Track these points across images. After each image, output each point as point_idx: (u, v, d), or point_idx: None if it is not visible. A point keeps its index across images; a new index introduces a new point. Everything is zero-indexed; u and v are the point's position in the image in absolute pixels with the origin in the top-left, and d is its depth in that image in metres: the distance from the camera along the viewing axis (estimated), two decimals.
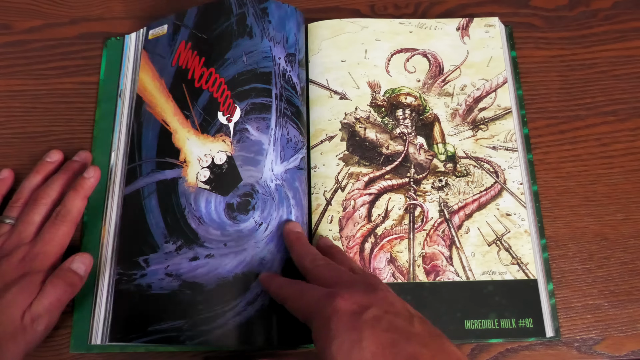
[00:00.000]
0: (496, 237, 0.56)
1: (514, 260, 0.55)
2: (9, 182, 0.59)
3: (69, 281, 0.51)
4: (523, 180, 0.58)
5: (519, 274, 0.54)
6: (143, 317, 0.52)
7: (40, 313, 0.49)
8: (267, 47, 0.59)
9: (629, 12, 0.68)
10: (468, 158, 0.59)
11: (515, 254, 0.55)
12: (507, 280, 0.54)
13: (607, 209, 0.60)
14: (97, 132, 0.61)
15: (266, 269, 0.51)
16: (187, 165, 0.56)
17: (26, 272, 0.50)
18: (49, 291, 0.49)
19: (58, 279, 0.50)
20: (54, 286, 0.50)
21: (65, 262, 0.52)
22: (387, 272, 0.55)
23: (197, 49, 0.60)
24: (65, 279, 0.50)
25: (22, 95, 0.64)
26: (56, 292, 0.50)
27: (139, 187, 0.57)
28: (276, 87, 0.57)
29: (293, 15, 0.61)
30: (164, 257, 0.53)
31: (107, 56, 0.65)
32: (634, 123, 0.63)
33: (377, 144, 0.60)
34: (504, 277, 0.54)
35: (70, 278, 0.51)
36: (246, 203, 0.53)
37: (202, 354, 0.54)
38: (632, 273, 0.57)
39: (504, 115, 0.61)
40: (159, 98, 0.60)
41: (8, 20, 0.67)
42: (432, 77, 0.63)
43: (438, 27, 0.65)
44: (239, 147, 0.55)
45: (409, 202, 0.57)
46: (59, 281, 0.50)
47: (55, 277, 0.50)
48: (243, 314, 0.50)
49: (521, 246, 0.56)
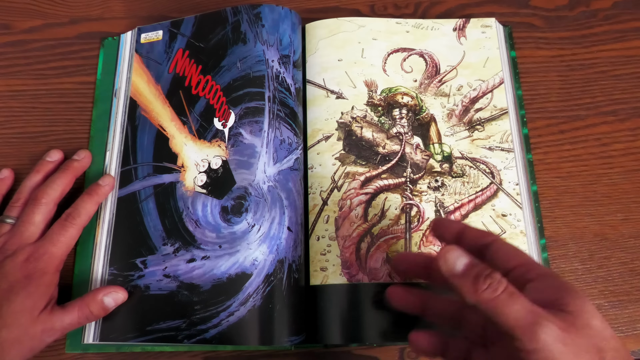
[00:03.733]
0: None
1: None
2: (9, 181, 0.59)
3: (96, 312, 0.51)
4: (521, 181, 0.58)
5: None
6: (141, 317, 0.53)
7: (56, 329, 0.49)
8: (260, 51, 0.59)
9: (629, 12, 0.67)
10: (464, 158, 0.59)
11: None
12: None
13: (607, 209, 0.59)
14: (94, 132, 0.62)
15: (258, 269, 0.52)
16: (185, 170, 0.57)
17: (30, 273, 0.50)
18: (74, 314, 0.50)
19: (86, 306, 0.51)
20: (80, 310, 0.50)
21: (99, 291, 0.52)
22: (383, 272, 0.54)
23: (195, 57, 0.61)
24: (93, 308, 0.51)
25: (22, 95, 0.64)
26: (80, 317, 0.50)
27: (134, 190, 0.57)
28: (269, 89, 0.58)
29: (287, 16, 0.61)
30: (162, 259, 0.54)
31: (104, 56, 0.65)
32: (634, 123, 0.62)
33: (374, 143, 0.59)
34: None
35: (98, 310, 0.51)
36: (239, 205, 0.54)
37: (201, 354, 0.55)
38: (632, 273, 0.57)
39: (500, 115, 0.61)
40: (156, 103, 0.61)
41: (8, 20, 0.67)
42: (429, 77, 0.62)
43: (435, 27, 0.64)
44: (233, 151, 0.56)
45: (405, 202, 0.57)
46: (86, 309, 0.51)
47: (85, 303, 0.51)
48: (236, 314, 0.50)
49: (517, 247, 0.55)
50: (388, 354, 0.55)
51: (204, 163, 0.57)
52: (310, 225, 0.56)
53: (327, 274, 0.54)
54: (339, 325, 0.53)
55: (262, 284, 0.51)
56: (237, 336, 0.50)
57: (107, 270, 0.55)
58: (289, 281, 0.52)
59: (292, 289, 0.52)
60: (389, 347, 0.55)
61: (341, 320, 0.53)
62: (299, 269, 0.54)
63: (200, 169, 0.57)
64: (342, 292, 0.54)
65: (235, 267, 0.52)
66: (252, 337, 0.50)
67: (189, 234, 0.54)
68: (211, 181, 0.56)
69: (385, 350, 0.55)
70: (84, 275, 0.55)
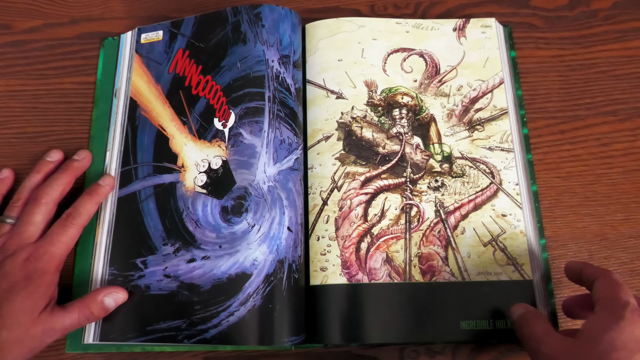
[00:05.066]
0: (492, 238, 0.56)
1: (510, 260, 0.55)
2: (9, 181, 0.59)
3: (96, 313, 0.51)
4: (521, 181, 0.58)
5: (515, 275, 0.54)
6: (141, 317, 0.53)
7: (57, 329, 0.49)
8: (260, 51, 0.59)
9: (629, 12, 0.67)
10: (464, 158, 0.59)
11: (510, 255, 0.55)
12: (503, 281, 0.54)
13: (607, 209, 0.60)
14: (94, 132, 0.62)
15: (258, 269, 0.52)
16: (185, 170, 0.57)
17: (30, 272, 0.50)
18: (75, 314, 0.50)
19: (87, 307, 0.51)
20: (80, 310, 0.50)
21: (99, 292, 0.52)
22: (383, 272, 0.54)
23: (195, 57, 0.61)
24: (93, 309, 0.51)
25: (22, 95, 0.64)
26: (80, 317, 0.50)
27: (134, 190, 0.57)
28: (269, 89, 0.58)
29: (287, 16, 0.61)
30: (162, 259, 0.54)
31: (104, 56, 0.65)
32: (634, 123, 0.62)
33: (374, 143, 0.59)
34: (499, 278, 0.54)
35: (98, 311, 0.51)
36: (239, 205, 0.54)
37: (202, 354, 0.55)
38: (632, 273, 0.57)
39: (500, 116, 0.61)
40: (156, 104, 0.61)
41: (8, 20, 0.67)
42: (429, 77, 0.62)
43: (435, 27, 0.64)
44: (233, 151, 0.56)
45: (405, 202, 0.57)
46: (86, 309, 0.51)
47: (85, 304, 0.51)
48: (236, 314, 0.50)
49: (517, 247, 0.55)
50: (388, 354, 0.55)
51: (204, 163, 0.57)
52: (310, 225, 0.56)
53: (327, 274, 0.54)
54: (338, 325, 0.53)
55: (262, 284, 0.51)
56: (237, 336, 0.50)
57: (107, 271, 0.55)
58: (289, 281, 0.52)
59: (292, 289, 0.52)
60: (389, 347, 0.55)
61: (341, 320, 0.53)
62: (299, 269, 0.54)
63: (201, 169, 0.57)
64: (342, 292, 0.54)
65: (236, 267, 0.52)
66: (252, 337, 0.50)
67: (189, 234, 0.54)
68: (211, 181, 0.56)
69: (385, 350, 0.55)
70: (84, 275, 0.56)
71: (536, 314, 0.49)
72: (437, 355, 0.55)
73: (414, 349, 0.55)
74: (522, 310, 0.49)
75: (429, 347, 0.55)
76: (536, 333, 0.46)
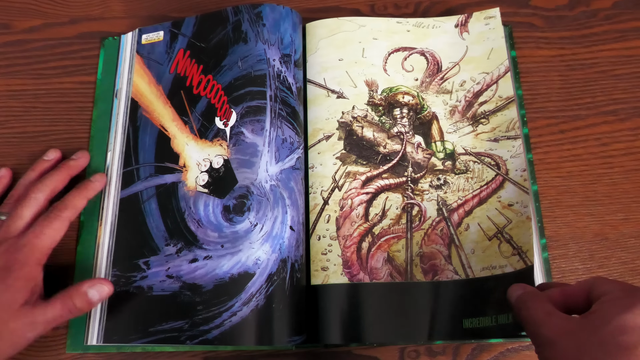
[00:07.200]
0: (497, 230, 0.55)
1: (515, 250, 0.54)
2: (6, 180, 0.59)
3: (79, 306, 0.49)
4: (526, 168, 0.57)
5: (519, 264, 0.53)
6: (143, 318, 0.52)
7: (38, 323, 0.47)
8: (262, 50, 0.59)
9: (629, 12, 0.67)
10: (468, 154, 0.59)
11: (516, 244, 0.54)
12: (507, 274, 0.53)
13: (607, 208, 0.60)
14: (95, 132, 0.62)
15: (261, 269, 0.52)
16: (187, 169, 0.57)
17: (9, 264, 0.48)
18: (57, 307, 0.48)
19: (70, 299, 0.49)
20: (63, 303, 0.48)
21: (83, 284, 0.50)
22: (384, 272, 0.55)
23: (196, 57, 0.61)
24: (77, 301, 0.49)
25: (22, 95, 0.64)
26: (63, 310, 0.48)
27: (137, 190, 0.57)
28: (270, 88, 0.58)
29: (288, 15, 0.61)
30: (164, 260, 0.54)
31: (104, 55, 0.65)
32: (634, 123, 0.63)
33: (375, 142, 0.59)
34: (504, 270, 0.53)
35: (82, 304, 0.49)
36: (242, 204, 0.54)
37: (202, 353, 0.55)
38: (632, 273, 0.57)
39: (507, 105, 0.60)
40: (157, 104, 0.61)
41: (8, 20, 0.67)
42: (430, 75, 0.62)
43: (436, 25, 0.64)
44: (235, 150, 0.56)
45: (406, 201, 0.57)
46: (69, 302, 0.48)
47: (68, 295, 0.49)
48: (238, 314, 0.50)
49: (522, 234, 0.54)
50: (388, 354, 0.55)
51: (205, 162, 0.57)
52: (311, 225, 0.56)
53: (328, 274, 0.54)
54: (339, 325, 0.53)
55: (265, 283, 0.51)
56: (239, 336, 0.50)
57: (109, 272, 0.55)
58: (291, 281, 0.52)
59: (295, 288, 0.52)
60: (389, 347, 0.55)
61: (342, 320, 0.53)
62: (301, 268, 0.54)
63: (202, 169, 0.57)
64: (343, 292, 0.54)
65: (238, 267, 0.52)
66: (254, 337, 0.50)
67: (191, 234, 0.54)
68: (213, 180, 0.56)
69: (385, 350, 0.55)
70: (86, 276, 0.55)
71: (535, 294, 0.46)
72: (437, 355, 0.55)
73: (414, 348, 0.55)
74: (520, 291, 0.46)
75: (429, 347, 0.55)
76: (536, 315, 0.43)
